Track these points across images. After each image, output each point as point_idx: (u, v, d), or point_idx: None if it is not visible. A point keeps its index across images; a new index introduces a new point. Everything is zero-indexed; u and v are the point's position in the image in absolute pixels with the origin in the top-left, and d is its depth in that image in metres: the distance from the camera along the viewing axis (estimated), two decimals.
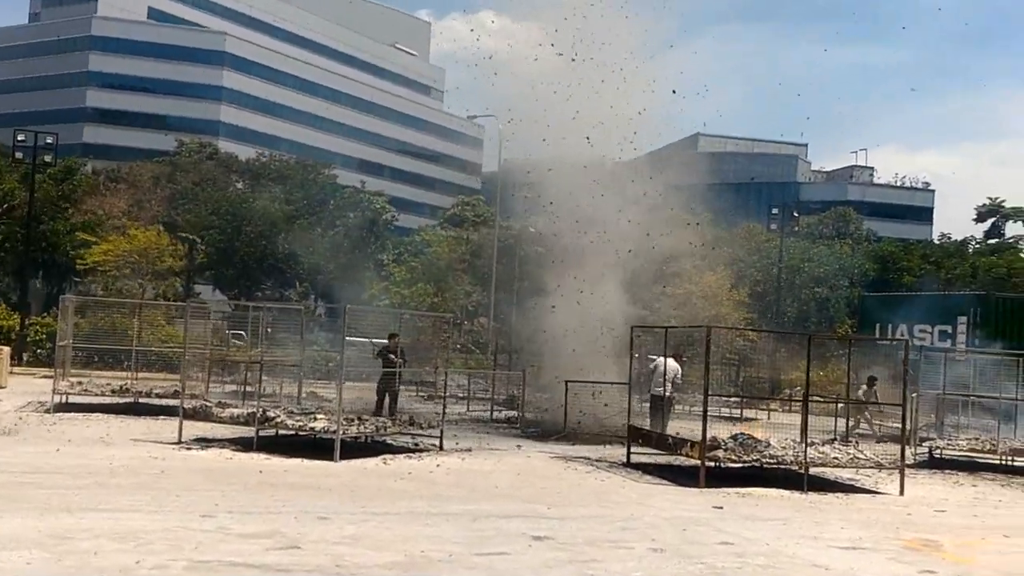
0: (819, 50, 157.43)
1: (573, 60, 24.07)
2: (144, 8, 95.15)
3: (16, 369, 30.10)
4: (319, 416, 15.81)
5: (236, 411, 16.06)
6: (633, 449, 17.29)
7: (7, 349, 28.12)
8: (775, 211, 46.36)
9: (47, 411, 19.86)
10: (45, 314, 38.26)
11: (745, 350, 37.95)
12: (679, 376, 19.02)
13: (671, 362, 18.44)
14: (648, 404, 18.50)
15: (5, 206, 45.04)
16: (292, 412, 16.46)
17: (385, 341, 20.09)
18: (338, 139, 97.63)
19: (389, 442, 17.43)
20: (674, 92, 24.59)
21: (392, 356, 19.49)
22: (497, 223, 48.42)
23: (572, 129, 23.95)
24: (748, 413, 27.13)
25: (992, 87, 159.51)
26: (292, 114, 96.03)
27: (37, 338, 35.02)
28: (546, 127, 23.82)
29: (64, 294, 30.34)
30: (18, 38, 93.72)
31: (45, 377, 26.12)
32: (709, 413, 22.56)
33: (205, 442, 16.11)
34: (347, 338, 15.93)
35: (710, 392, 15.50)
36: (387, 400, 19.27)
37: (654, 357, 18.91)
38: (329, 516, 10.50)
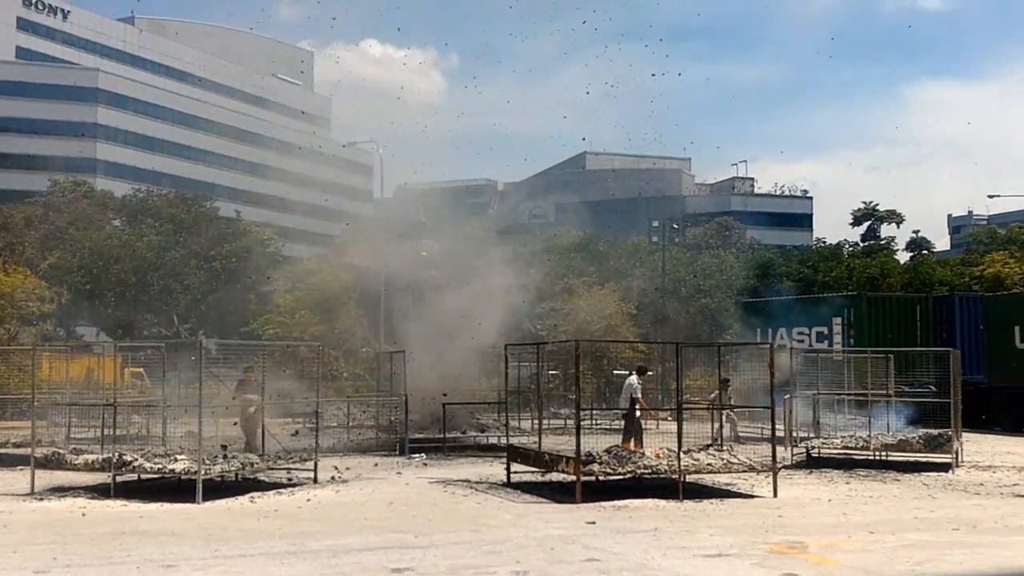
0: (692, 67, 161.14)
1: (466, 87, 24.11)
2: (12, 48, 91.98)
3: None
4: (179, 457, 15.10)
5: (91, 457, 15.24)
6: (516, 468, 17.08)
7: None
8: (656, 224, 47.01)
9: None
10: None
11: (638, 361, 38.24)
12: (636, 390, 20.00)
13: (630, 378, 20.29)
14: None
15: None
16: (155, 454, 15.71)
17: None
18: (222, 171, 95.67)
19: (262, 478, 16.81)
20: (565, 118, 24.93)
21: (246, 390, 18.72)
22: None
23: (460, 152, 24.09)
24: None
25: (859, 97, 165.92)
26: (173, 148, 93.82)
27: None
28: (433, 151, 23.83)
29: None
30: None
31: None
32: (601, 426, 22.65)
33: (61, 492, 15.24)
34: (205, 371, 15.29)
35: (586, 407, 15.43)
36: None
37: (623, 373, 20.46)
38: (176, 563, 9.95)
